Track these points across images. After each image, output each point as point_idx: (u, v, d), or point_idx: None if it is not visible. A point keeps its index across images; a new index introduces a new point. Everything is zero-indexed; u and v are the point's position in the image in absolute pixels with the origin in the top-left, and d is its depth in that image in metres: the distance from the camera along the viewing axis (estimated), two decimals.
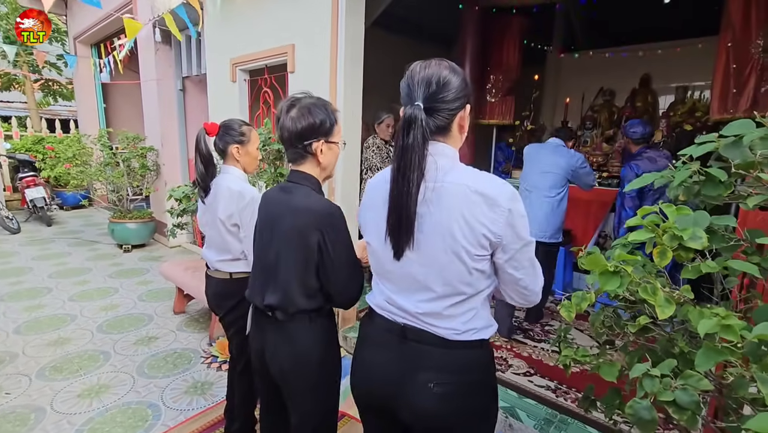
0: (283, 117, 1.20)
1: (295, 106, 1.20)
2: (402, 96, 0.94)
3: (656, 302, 0.68)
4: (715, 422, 0.61)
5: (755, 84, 2.92)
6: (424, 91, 0.90)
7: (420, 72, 0.92)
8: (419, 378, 0.96)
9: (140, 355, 2.84)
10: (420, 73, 0.92)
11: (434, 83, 0.90)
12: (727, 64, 2.99)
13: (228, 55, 3.59)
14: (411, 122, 0.87)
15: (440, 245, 0.91)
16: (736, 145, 0.82)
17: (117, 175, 4.99)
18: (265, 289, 1.27)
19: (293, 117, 1.18)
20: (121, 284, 4.14)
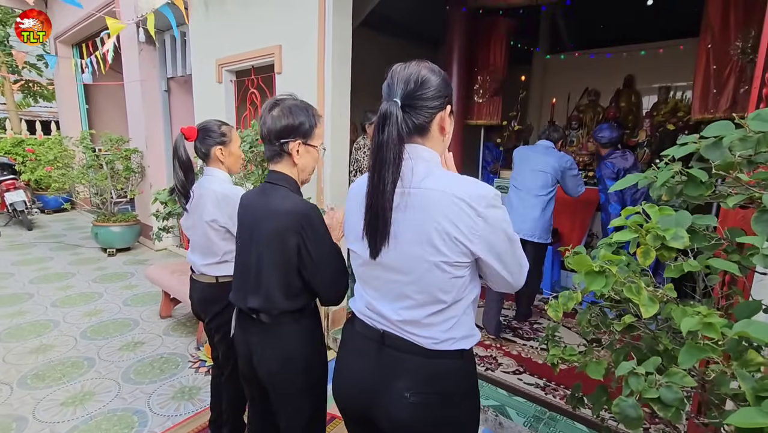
0: (265, 115, 1.22)
1: (278, 106, 1.22)
2: (383, 96, 0.93)
3: (640, 301, 0.69)
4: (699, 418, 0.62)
5: (734, 85, 2.99)
6: (402, 88, 0.89)
7: (400, 71, 0.92)
8: (395, 387, 0.94)
9: (126, 361, 2.79)
10: (400, 73, 0.92)
11: (413, 81, 0.89)
12: (707, 65, 3.06)
13: (214, 56, 3.55)
14: (386, 117, 0.86)
15: (417, 253, 0.88)
16: (716, 146, 0.83)
17: (100, 177, 4.90)
18: (248, 292, 1.26)
19: (274, 116, 1.21)
20: (106, 289, 4.06)
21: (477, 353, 2.75)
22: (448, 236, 0.86)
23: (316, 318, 1.33)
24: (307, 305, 1.27)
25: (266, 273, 1.21)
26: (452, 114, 1.00)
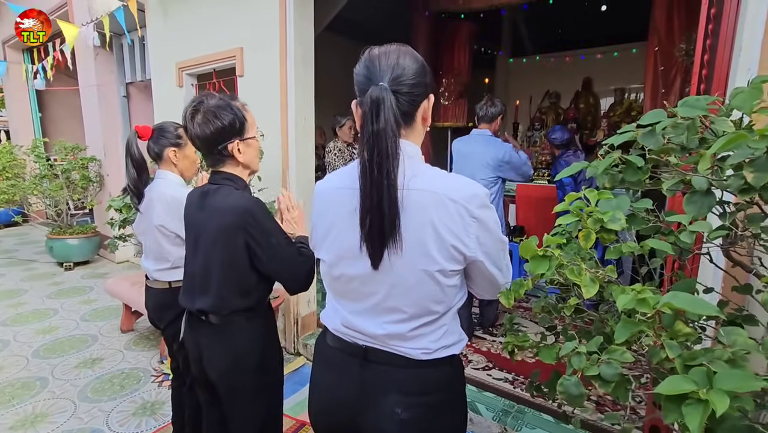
0: (189, 125, 1.17)
1: (199, 111, 1.17)
2: (359, 82, 0.84)
3: (582, 282, 0.71)
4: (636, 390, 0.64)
5: (681, 84, 3.17)
6: (389, 73, 0.80)
7: (381, 54, 0.83)
8: (384, 403, 0.87)
9: (82, 378, 2.64)
10: (382, 56, 0.82)
11: (399, 65, 0.81)
12: (655, 66, 3.23)
13: (173, 59, 3.45)
14: (379, 103, 0.76)
15: (410, 263, 0.81)
16: (651, 133, 0.87)
17: (55, 188, 4.65)
18: (196, 293, 1.23)
19: (199, 123, 1.16)
20: (62, 305, 3.84)
21: None
22: (443, 244, 0.80)
23: (269, 317, 1.32)
24: (259, 303, 1.25)
25: (216, 273, 1.19)
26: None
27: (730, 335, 0.60)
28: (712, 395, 0.47)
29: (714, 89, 1.55)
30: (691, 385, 0.50)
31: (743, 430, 0.50)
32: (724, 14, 1.49)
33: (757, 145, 0.61)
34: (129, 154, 1.57)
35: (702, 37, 1.58)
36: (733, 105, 0.83)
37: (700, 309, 0.52)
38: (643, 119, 0.90)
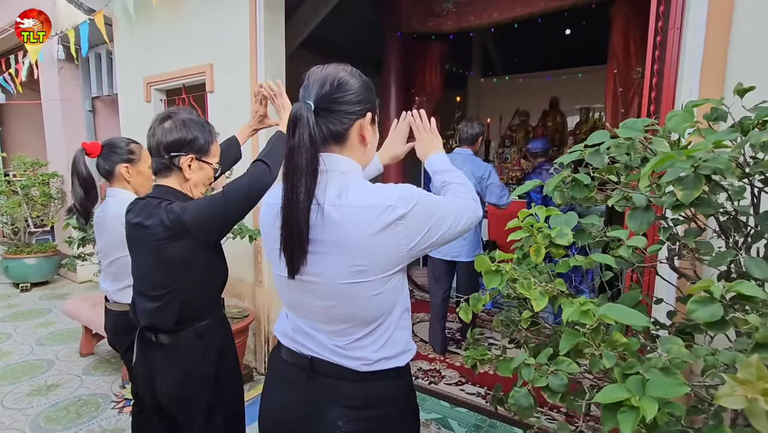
0: (155, 127, 1.18)
1: (170, 118, 1.18)
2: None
3: (531, 296, 0.74)
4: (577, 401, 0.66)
5: (638, 105, 3.35)
6: (317, 90, 0.82)
7: (316, 72, 0.85)
8: (327, 417, 0.87)
9: (35, 407, 2.48)
10: (316, 74, 0.85)
11: (329, 83, 0.82)
12: (615, 88, 3.41)
13: (141, 74, 3.39)
14: (297, 120, 0.78)
15: (340, 276, 0.81)
16: (596, 153, 0.92)
17: (12, 205, 4.43)
18: (142, 308, 1.21)
19: (165, 128, 1.17)
20: (15, 328, 3.62)
21: (421, 367, 2.76)
22: (370, 254, 0.80)
23: (222, 333, 1.31)
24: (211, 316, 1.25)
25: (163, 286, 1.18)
26: (375, 123, 0.93)
27: (667, 343, 0.64)
28: (643, 402, 0.49)
29: (663, 110, 1.65)
30: (624, 393, 0.52)
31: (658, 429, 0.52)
32: (668, 42, 1.60)
33: (684, 165, 0.65)
34: (75, 172, 1.51)
35: (650, 61, 1.69)
36: (668, 127, 0.89)
37: (631, 320, 0.55)
38: (589, 139, 0.95)
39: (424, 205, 0.82)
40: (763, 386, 0.40)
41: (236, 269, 2.87)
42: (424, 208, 0.82)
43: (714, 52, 1.39)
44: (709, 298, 0.52)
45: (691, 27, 1.45)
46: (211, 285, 1.30)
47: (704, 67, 1.41)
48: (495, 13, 3.34)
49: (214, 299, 1.33)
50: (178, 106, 1.23)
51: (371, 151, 0.94)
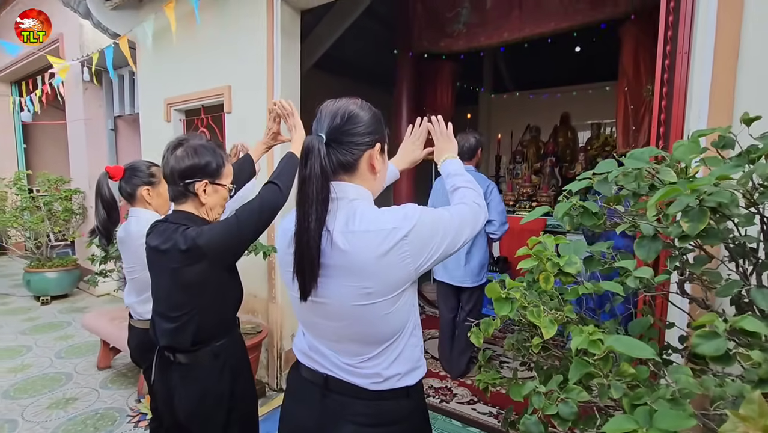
0: (167, 155, 1.23)
1: (182, 146, 1.23)
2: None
3: (541, 324, 0.76)
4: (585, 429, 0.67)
5: (649, 122, 3.35)
6: (329, 123, 0.87)
7: (328, 106, 0.91)
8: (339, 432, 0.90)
9: (54, 420, 2.54)
10: (328, 108, 0.91)
11: (339, 116, 0.88)
12: (625, 105, 3.42)
13: (162, 95, 3.53)
14: (309, 152, 0.83)
15: (349, 298, 0.85)
16: (604, 181, 0.95)
17: (35, 220, 4.59)
18: (162, 328, 1.25)
19: (178, 156, 1.21)
20: (36, 341, 3.71)
21: (432, 385, 2.74)
22: (384, 276, 0.83)
23: (237, 353, 1.35)
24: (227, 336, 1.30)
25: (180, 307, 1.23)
26: (383, 153, 0.97)
27: (675, 373, 0.65)
28: None
29: (672, 132, 1.67)
30: (632, 424, 0.54)
31: None
32: (676, 66, 1.62)
33: (688, 199, 0.68)
34: (99, 195, 1.59)
35: (659, 84, 1.71)
36: (674, 157, 0.91)
37: (637, 352, 0.57)
38: (597, 168, 0.98)
39: (426, 222, 0.86)
40: (764, 423, 0.42)
41: (250, 284, 2.93)
42: (427, 225, 0.86)
43: (722, 76, 1.41)
44: (713, 333, 0.53)
45: (699, 51, 1.47)
46: (227, 306, 1.34)
47: (713, 91, 1.43)
48: (505, 34, 3.40)
49: (230, 319, 1.37)
50: (188, 133, 1.28)
51: (381, 179, 0.99)
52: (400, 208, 0.88)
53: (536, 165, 4.96)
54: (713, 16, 1.42)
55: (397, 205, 0.90)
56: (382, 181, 1.01)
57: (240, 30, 2.92)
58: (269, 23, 2.75)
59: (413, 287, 0.92)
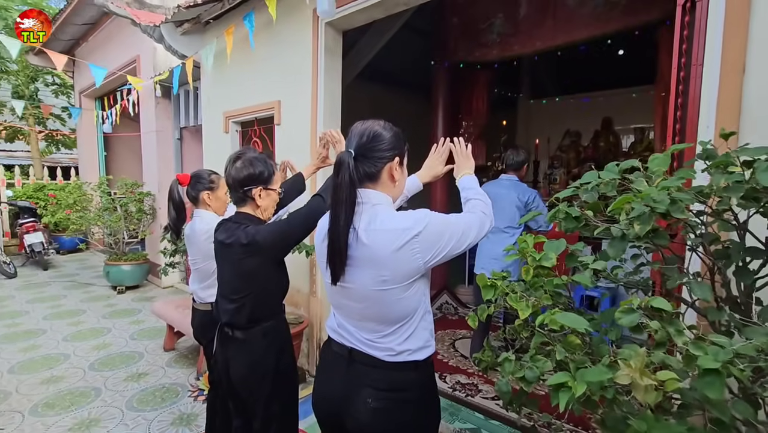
0: (229, 167, 1.51)
1: (240, 159, 1.51)
2: None
3: (519, 307, 0.93)
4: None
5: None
6: (357, 141, 1.08)
7: (357, 127, 1.12)
8: (360, 395, 1.08)
9: (130, 390, 2.97)
10: (357, 128, 1.11)
11: (365, 136, 1.08)
12: (663, 110, 3.37)
13: (221, 109, 3.96)
14: (340, 165, 1.03)
15: (369, 284, 1.03)
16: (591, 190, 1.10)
17: (115, 219, 5.25)
18: (223, 308, 1.52)
19: (237, 167, 1.49)
20: (114, 324, 4.28)
21: (459, 381, 2.89)
22: (392, 266, 1.00)
23: (282, 334, 1.60)
24: (274, 318, 1.56)
25: (239, 291, 1.50)
26: (402, 165, 1.16)
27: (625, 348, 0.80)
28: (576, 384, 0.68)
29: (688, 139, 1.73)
30: (566, 378, 0.70)
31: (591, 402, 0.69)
32: (690, 77, 1.69)
33: (636, 205, 0.82)
34: (171, 198, 1.92)
35: (674, 95, 1.78)
36: (650, 168, 1.05)
37: (574, 324, 0.73)
38: (582, 178, 1.13)
39: (434, 225, 1.03)
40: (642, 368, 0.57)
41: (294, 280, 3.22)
42: (435, 227, 1.03)
43: (729, 87, 1.47)
44: (630, 309, 0.68)
45: (708, 63, 1.54)
46: (276, 293, 1.60)
47: (720, 102, 1.50)
48: (537, 43, 3.48)
49: (278, 305, 1.63)
50: (245, 147, 1.56)
51: (400, 187, 1.19)
52: (413, 213, 1.06)
53: (575, 170, 4.92)
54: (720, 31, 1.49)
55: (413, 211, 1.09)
56: (401, 189, 1.21)
57: (288, 50, 3.26)
58: (314, 43, 3.05)
59: (424, 280, 1.11)
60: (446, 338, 3.66)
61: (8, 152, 11.49)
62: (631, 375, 0.58)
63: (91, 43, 6.66)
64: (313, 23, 3.02)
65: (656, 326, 0.65)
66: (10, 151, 11.55)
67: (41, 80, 9.10)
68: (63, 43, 6.84)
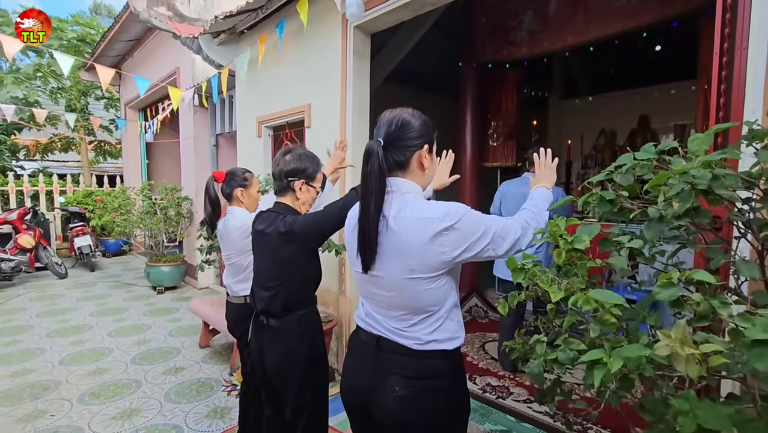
0: (279, 159, 1.59)
1: (290, 153, 1.59)
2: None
3: (550, 289, 0.91)
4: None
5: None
6: (385, 130, 1.07)
7: (386, 116, 1.11)
8: (388, 383, 1.08)
9: (168, 383, 3.09)
10: (386, 117, 1.10)
11: (394, 124, 1.07)
12: (705, 104, 3.21)
13: (255, 114, 4.10)
14: (370, 154, 1.03)
15: (398, 272, 1.03)
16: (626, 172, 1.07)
17: (155, 222, 5.52)
18: (260, 296, 1.57)
19: (287, 160, 1.57)
20: (154, 322, 4.48)
21: (489, 383, 2.83)
22: (422, 256, 1.00)
23: (315, 324, 1.63)
24: (307, 308, 1.59)
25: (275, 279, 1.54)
26: (431, 153, 1.13)
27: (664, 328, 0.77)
28: (611, 360, 0.66)
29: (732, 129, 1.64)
30: (601, 354, 0.68)
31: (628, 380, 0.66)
32: (735, 62, 1.61)
33: (674, 182, 0.79)
34: (207, 194, 2.00)
35: (716, 82, 1.70)
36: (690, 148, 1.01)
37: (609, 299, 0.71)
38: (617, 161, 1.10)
39: (468, 222, 1.01)
40: (683, 338, 0.54)
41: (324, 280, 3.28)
42: (469, 224, 1.01)
43: None
44: (670, 283, 0.65)
45: (753, 47, 1.46)
46: (309, 282, 1.64)
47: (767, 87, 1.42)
48: (569, 38, 3.41)
49: (311, 294, 1.67)
50: (295, 144, 1.64)
51: (430, 175, 1.18)
52: (446, 204, 1.03)
53: None
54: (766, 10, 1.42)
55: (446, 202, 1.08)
56: (431, 177, 1.19)
57: (318, 54, 3.34)
58: (343, 47, 3.12)
59: (453, 274, 1.09)
60: (476, 341, 3.60)
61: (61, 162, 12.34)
62: (671, 345, 0.56)
63: (135, 58, 7.08)
64: (342, 27, 3.09)
65: (699, 298, 0.62)
66: (62, 161, 12.40)
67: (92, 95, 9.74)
68: (110, 59, 7.32)
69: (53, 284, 6.15)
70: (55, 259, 6.55)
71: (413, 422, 1.08)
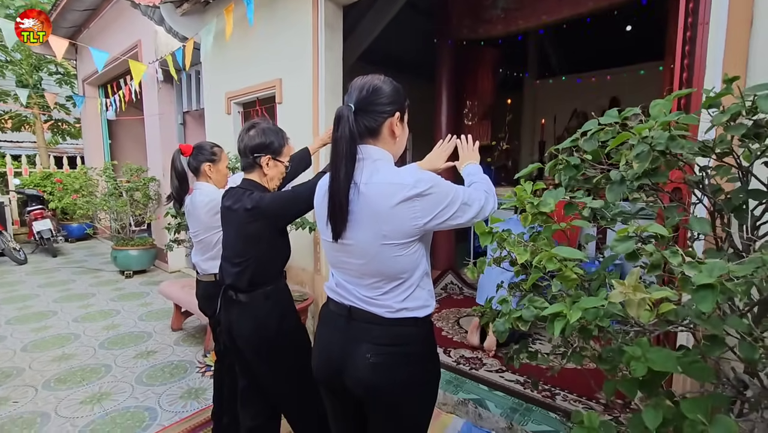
0: (243, 134, 1.54)
1: (254, 127, 1.54)
2: None
3: (517, 251, 0.92)
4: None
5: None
6: (357, 95, 1.05)
7: (357, 81, 1.09)
8: (359, 351, 1.08)
9: (139, 367, 3.03)
10: (357, 82, 1.08)
11: (365, 89, 1.05)
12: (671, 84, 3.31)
13: (223, 90, 3.95)
14: (340, 118, 1.02)
15: (369, 239, 1.02)
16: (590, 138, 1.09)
17: (120, 204, 5.29)
18: (227, 271, 1.55)
19: (251, 135, 1.52)
20: (123, 307, 4.35)
21: (463, 355, 2.91)
22: (393, 222, 1.00)
23: (284, 298, 1.64)
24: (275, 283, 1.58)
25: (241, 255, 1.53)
26: (403, 121, 1.13)
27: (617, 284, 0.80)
28: (571, 312, 0.68)
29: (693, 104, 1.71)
30: (562, 307, 0.70)
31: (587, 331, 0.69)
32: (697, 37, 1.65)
33: (634, 142, 0.81)
34: (173, 167, 1.93)
35: (680, 57, 1.75)
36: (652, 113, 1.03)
37: (570, 255, 0.73)
38: (583, 128, 1.12)
39: (439, 189, 1.01)
40: (635, 285, 0.57)
41: (299, 259, 3.25)
42: (439, 192, 1.01)
43: (735, 45, 1.44)
44: (627, 236, 0.68)
45: (714, 21, 1.51)
46: (277, 259, 1.62)
47: (726, 58, 1.47)
48: (543, 16, 3.42)
49: (279, 270, 1.65)
50: (260, 117, 1.58)
51: (401, 143, 1.17)
52: (418, 171, 1.03)
53: None
54: None
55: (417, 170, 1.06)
56: (402, 145, 1.18)
57: (288, 27, 3.23)
58: (314, 19, 3.02)
59: (424, 242, 1.10)
60: (451, 316, 3.68)
61: (15, 143, 11.59)
62: (624, 292, 0.58)
63: (92, 30, 6.65)
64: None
65: (651, 249, 0.64)
66: (16, 142, 11.65)
67: (45, 70, 9.13)
68: (64, 31, 6.83)
69: (12, 271, 5.85)
70: (12, 244, 6.22)
71: (384, 387, 1.09)
